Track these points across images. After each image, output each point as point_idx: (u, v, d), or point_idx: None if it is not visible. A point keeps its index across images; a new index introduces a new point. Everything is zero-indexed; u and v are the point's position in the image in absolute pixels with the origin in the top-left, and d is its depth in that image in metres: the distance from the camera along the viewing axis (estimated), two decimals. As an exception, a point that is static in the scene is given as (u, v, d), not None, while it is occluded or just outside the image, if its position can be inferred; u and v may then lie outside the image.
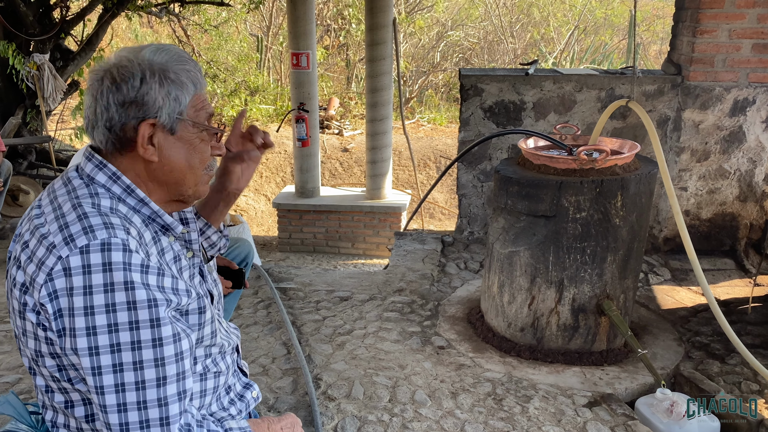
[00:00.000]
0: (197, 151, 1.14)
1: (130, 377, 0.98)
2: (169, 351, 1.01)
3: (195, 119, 1.13)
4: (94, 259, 0.97)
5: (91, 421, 1.09)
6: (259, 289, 3.26)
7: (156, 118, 1.08)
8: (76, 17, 5.78)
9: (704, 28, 3.33)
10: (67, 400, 1.08)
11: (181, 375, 1.03)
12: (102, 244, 0.98)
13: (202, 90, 1.14)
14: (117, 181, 1.09)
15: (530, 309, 2.56)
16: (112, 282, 0.97)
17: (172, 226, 1.14)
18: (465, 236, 4.02)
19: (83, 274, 0.96)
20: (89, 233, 0.99)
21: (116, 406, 0.98)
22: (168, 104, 1.08)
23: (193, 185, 1.16)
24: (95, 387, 0.98)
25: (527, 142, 2.68)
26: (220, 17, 11.76)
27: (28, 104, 5.66)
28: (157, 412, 1.00)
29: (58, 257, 0.98)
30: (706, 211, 3.64)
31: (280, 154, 9.76)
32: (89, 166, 1.10)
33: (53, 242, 0.99)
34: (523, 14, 13.66)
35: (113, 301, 0.96)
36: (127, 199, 1.09)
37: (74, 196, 1.06)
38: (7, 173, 4.29)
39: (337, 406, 2.20)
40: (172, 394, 1.01)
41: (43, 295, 0.98)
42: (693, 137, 3.51)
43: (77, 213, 1.02)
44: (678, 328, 2.85)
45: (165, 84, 1.08)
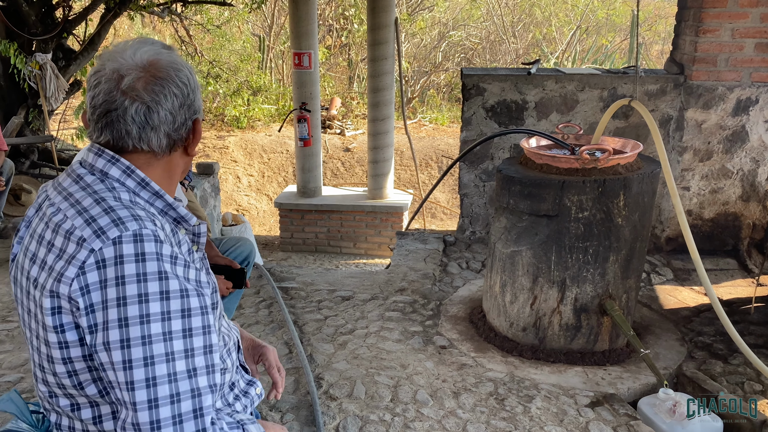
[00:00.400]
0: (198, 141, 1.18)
1: (162, 370, 0.96)
2: (199, 342, 1.00)
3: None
4: (127, 249, 0.96)
5: (99, 423, 1.08)
6: (260, 288, 3.26)
7: (198, 116, 1.13)
8: (78, 17, 5.78)
9: (707, 27, 3.32)
10: (73, 403, 1.07)
11: (212, 368, 1.02)
12: (134, 235, 0.97)
13: None
14: (131, 175, 1.08)
15: (532, 309, 2.55)
16: (145, 272, 0.96)
17: (186, 218, 1.13)
18: (467, 236, 4.02)
19: (116, 264, 0.96)
20: (120, 224, 0.98)
21: (146, 402, 0.95)
22: (197, 99, 1.13)
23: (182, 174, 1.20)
24: (126, 383, 0.96)
25: (529, 142, 2.67)
26: (223, 17, 11.76)
27: (31, 104, 5.66)
28: (190, 404, 0.98)
29: (90, 250, 0.97)
30: (709, 210, 3.63)
31: (282, 154, 9.76)
32: (101, 162, 1.07)
33: (82, 236, 0.98)
34: (525, 14, 13.65)
35: (146, 291, 0.96)
36: (141, 193, 1.08)
37: (92, 191, 1.05)
38: (10, 172, 4.29)
39: (339, 406, 2.20)
40: (204, 386, 1.00)
41: (74, 289, 0.96)
42: (696, 137, 3.50)
43: (102, 207, 1.01)
44: (681, 328, 2.84)
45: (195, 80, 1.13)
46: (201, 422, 0.99)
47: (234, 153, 9.77)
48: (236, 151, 9.80)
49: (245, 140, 10.00)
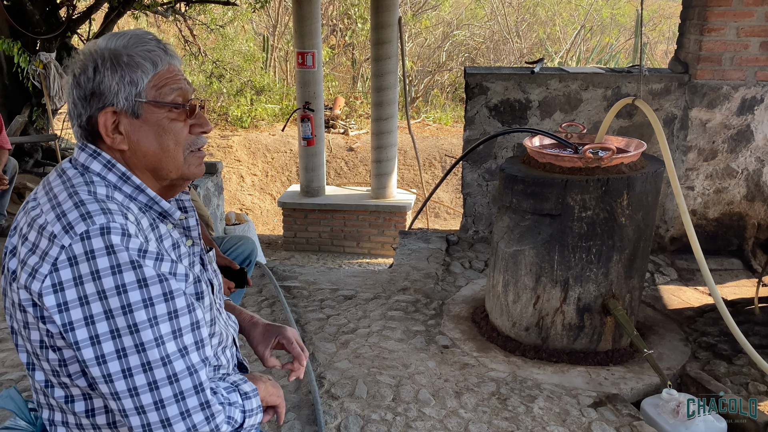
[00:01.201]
0: (168, 132, 1.09)
1: (154, 354, 0.98)
2: (185, 321, 1.02)
3: (158, 98, 1.08)
4: (96, 243, 0.96)
5: (92, 416, 1.08)
6: (263, 287, 3.25)
7: (114, 105, 1.06)
8: (82, 16, 5.79)
9: (712, 26, 3.30)
10: (68, 395, 1.07)
11: (201, 342, 1.04)
12: (101, 229, 0.97)
13: (165, 67, 1.10)
14: (112, 169, 1.08)
15: (535, 308, 2.54)
16: (119, 264, 0.96)
17: (169, 212, 1.12)
18: (470, 235, 4.01)
19: (87, 260, 0.96)
20: (87, 219, 0.98)
21: (147, 385, 0.98)
22: (123, 88, 1.06)
23: (174, 169, 1.12)
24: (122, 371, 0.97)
25: (532, 141, 2.66)
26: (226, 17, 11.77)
27: (35, 103, 5.67)
28: (189, 381, 1.01)
29: (61, 246, 0.97)
30: (713, 210, 3.61)
31: (286, 154, 9.76)
32: (83, 156, 1.09)
33: (53, 232, 0.98)
34: (528, 14, 13.62)
35: (123, 282, 0.96)
36: (123, 187, 1.08)
37: (69, 185, 1.05)
38: (13, 171, 4.30)
39: (341, 405, 2.19)
40: (197, 362, 1.02)
41: (46, 286, 0.96)
42: (700, 136, 3.48)
43: (73, 201, 1.01)
44: (684, 328, 2.83)
45: (118, 69, 1.06)
46: (203, 395, 1.02)
47: (238, 152, 9.78)
48: (240, 151, 9.81)
49: (249, 140, 10.01)
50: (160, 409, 0.99)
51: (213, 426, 1.04)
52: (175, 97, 1.10)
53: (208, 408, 1.03)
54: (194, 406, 1.01)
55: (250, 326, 1.41)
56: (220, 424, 1.05)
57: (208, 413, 1.03)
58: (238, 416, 1.11)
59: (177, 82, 1.11)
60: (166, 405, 0.99)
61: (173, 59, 1.12)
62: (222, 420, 1.06)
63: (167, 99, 1.09)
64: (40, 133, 5.79)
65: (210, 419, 1.03)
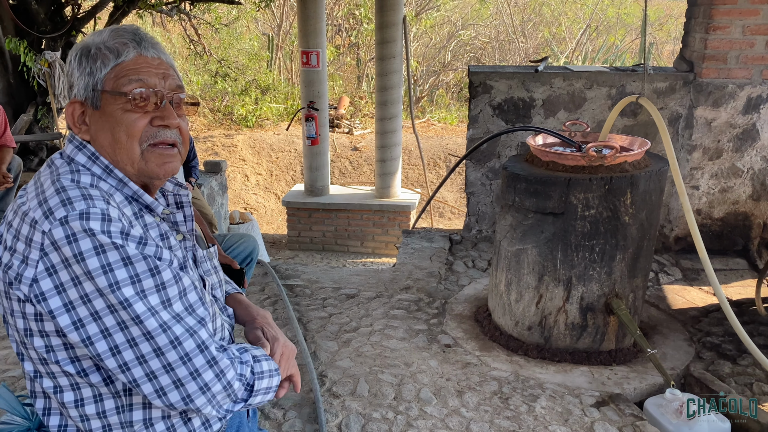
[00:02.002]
0: (120, 123, 1.07)
1: (152, 323, 0.99)
2: (173, 291, 1.03)
3: (114, 89, 1.07)
4: (76, 227, 0.97)
5: (81, 406, 1.08)
6: (265, 285, 3.25)
7: (77, 96, 1.10)
8: (87, 15, 5.82)
9: (717, 24, 3.28)
10: (56, 385, 1.08)
11: (191, 307, 1.06)
12: (81, 214, 0.98)
13: (129, 58, 1.08)
14: (96, 161, 1.09)
15: (538, 307, 2.53)
16: (101, 244, 0.97)
17: (152, 206, 1.12)
18: (473, 234, 3.99)
19: (69, 243, 0.96)
20: (67, 205, 0.99)
21: (153, 351, 1.00)
22: (83, 79, 1.08)
23: (129, 162, 1.09)
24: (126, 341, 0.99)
25: (536, 139, 2.65)
26: (231, 15, 11.80)
27: (39, 101, 5.70)
28: (192, 341, 1.03)
29: (42, 232, 0.98)
30: (718, 210, 3.59)
31: (290, 153, 9.77)
32: (70, 147, 1.11)
33: (34, 218, 1.00)
34: (534, 13, 13.59)
35: (108, 261, 0.97)
36: (107, 179, 1.09)
37: (55, 174, 1.07)
38: (18, 169, 4.31)
39: (342, 404, 2.19)
40: (194, 323, 1.04)
41: (40, 270, 0.98)
42: (705, 135, 3.46)
43: (55, 187, 1.02)
44: (689, 328, 2.81)
45: (83, 61, 1.09)
46: (208, 353, 1.04)
47: (242, 151, 9.79)
48: (244, 150, 9.83)
49: (254, 139, 10.02)
50: (170, 371, 1.02)
51: (225, 383, 1.06)
52: (134, 88, 1.07)
53: (216, 365, 1.05)
54: (201, 365, 1.03)
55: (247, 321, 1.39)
56: (232, 380, 1.07)
57: (217, 370, 1.05)
58: (248, 375, 1.12)
59: (140, 73, 1.08)
60: (175, 368, 1.02)
61: (147, 51, 1.10)
62: (233, 376, 1.07)
63: (123, 89, 1.07)
64: (45, 131, 5.82)
65: (221, 376, 1.05)
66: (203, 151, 9.40)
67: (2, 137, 4.22)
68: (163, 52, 1.14)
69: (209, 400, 1.05)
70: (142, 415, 1.11)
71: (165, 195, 1.23)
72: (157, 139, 1.10)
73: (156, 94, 1.09)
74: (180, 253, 1.15)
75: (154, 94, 1.08)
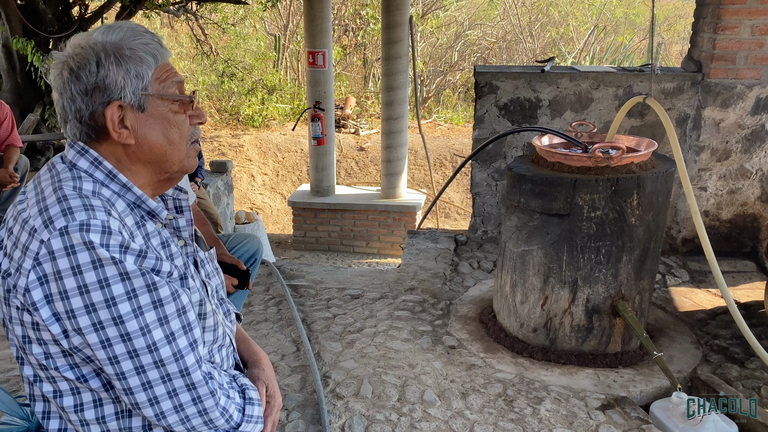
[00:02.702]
0: (173, 125, 1.10)
1: (140, 342, 0.99)
2: (171, 308, 1.03)
3: (162, 92, 1.08)
4: (75, 239, 0.96)
5: (80, 411, 1.08)
6: (270, 286, 3.25)
7: (121, 99, 1.05)
8: (94, 15, 5.84)
9: (726, 24, 3.25)
10: (56, 390, 1.07)
11: (188, 327, 1.06)
12: (81, 225, 0.97)
13: (163, 60, 1.10)
14: (99, 167, 1.07)
15: (543, 309, 2.51)
16: (99, 258, 0.96)
17: (156, 211, 1.12)
18: (479, 235, 3.98)
19: (67, 255, 0.96)
20: (68, 215, 0.98)
21: (134, 370, 1.00)
22: (130, 82, 1.05)
23: (178, 161, 1.12)
24: (108, 359, 1.00)
25: (542, 140, 2.63)
26: (237, 15, 11.82)
27: (47, 101, 5.73)
28: (176, 366, 1.03)
29: (40, 241, 0.97)
30: (727, 211, 3.56)
31: (296, 153, 9.77)
32: (71, 153, 1.08)
33: (34, 226, 0.99)
34: (542, 14, 13.54)
35: (105, 276, 0.97)
36: (110, 185, 1.08)
37: (56, 180, 1.05)
38: (25, 169, 4.33)
39: (345, 405, 2.18)
40: (185, 346, 1.04)
41: (31, 280, 0.97)
42: (713, 136, 3.43)
43: (57, 196, 1.01)
44: (696, 330, 2.78)
45: (122, 62, 1.05)
46: (188, 378, 1.05)
47: (248, 151, 9.80)
48: (251, 150, 9.84)
49: (260, 139, 10.03)
50: (148, 389, 1.02)
51: (201, 408, 1.06)
52: (176, 90, 1.11)
53: (194, 389, 1.05)
54: (180, 386, 1.04)
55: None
56: (210, 408, 1.07)
57: (194, 394, 1.05)
58: (234, 413, 1.12)
59: (175, 75, 1.11)
60: (154, 386, 1.02)
61: (167, 53, 1.12)
62: (211, 405, 1.07)
63: (170, 91, 1.10)
64: (52, 131, 5.84)
65: (197, 401, 1.06)
66: (209, 151, 9.42)
67: (9, 137, 4.24)
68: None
69: (182, 420, 1.06)
70: (141, 421, 1.11)
71: (165, 199, 1.23)
72: (196, 136, 1.16)
73: (194, 94, 1.14)
74: (180, 260, 1.14)
75: (193, 94, 1.14)
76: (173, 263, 1.09)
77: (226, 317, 1.31)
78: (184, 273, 1.12)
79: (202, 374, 1.06)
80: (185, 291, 1.09)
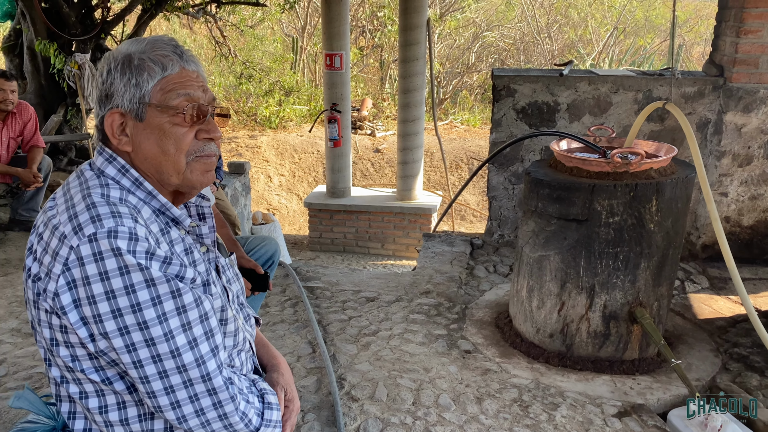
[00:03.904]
0: (169, 136, 1.09)
1: (164, 348, 1.01)
2: (194, 315, 1.05)
3: (162, 102, 1.08)
4: (103, 246, 0.98)
5: (105, 413, 1.10)
6: (286, 287, 3.27)
7: (120, 107, 1.08)
8: (116, 18, 5.92)
9: (748, 27, 3.21)
10: (81, 391, 1.10)
11: (210, 333, 1.07)
12: (109, 232, 0.99)
13: (175, 71, 1.09)
14: (126, 174, 1.10)
15: (560, 315, 2.50)
16: (126, 265, 0.99)
17: (180, 218, 1.14)
18: (495, 239, 3.97)
19: (95, 261, 0.98)
20: (96, 222, 1.00)
21: (157, 374, 1.02)
22: (129, 91, 1.07)
23: (174, 173, 1.11)
24: (132, 362, 1.02)
25: (560, 144, 2.62)
26: (255, 17, 11.90)
27: (69, 102, 5.81)
28: (197, 371, 1.04)
29: (70, 247, 0.99)
30: (748, 217, 3.51)
31: (313, 155, 9.81)
32: (100, 160, 1.11)
33: (63, 232, 1.01)
34: (560, 15, 13.46)
35: (131, 282, 0.99)
36: (136, 192, 1.10)
37: (85, 187, 1.08)
38: (48, 169, 4.41)
39: (361, 407, 2.19)
40: (206, 352, 1.06)
41: (60, 285, 1.00)
42: (735, 141, 3.39)
43: (86, 203, 1.04)
44: (715, 338, 2.75)
45: (126, 71, 1.07)
46: (210, 384, 1.06)
47: (266, 152, 9.86)
48: (268, 151, 9.90)
49: (277, 140, 10.09)
50: (170, 393, 1.04)
51: (221, 412, 1.08)
52: (181, 102, 1.09)
53: (215, 394, 1.07)
54: (201, 391, 1.05)
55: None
56: (230, 413, 1.09)
57: (215, 399, 1.07)
58: (253, 417, 1.13)
59: (186, 87, 1.10)
60: (176, 390, 1.04)
61: (189, 64, 1.11)
62: (231, 410, 1.09)
63: (172, 103, 1.08)
64: (74, 132, 5.93)
65: (217, 405, 1.07)
66: (227, 151, 9.49)
67: (33, 138, 4.31)
68: (199, 64, 1.15)
69: (203, 424, 1.08)
70: (164, 423, 1.13)
71: (187, 207, 1.25)
72: (204, 152, 1.13)
73: (201, 108, 1.11)
74: (203, 266, 1.16)
75: (200, 107, 1.11)
76: (196, 269, 1.11)
77: (246, 322, 1.32)
78: (207, 279, 1.14)
79: (223, 379, 1.08)
80: (208, 297, 1.10)
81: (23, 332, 2.78)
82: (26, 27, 5.54)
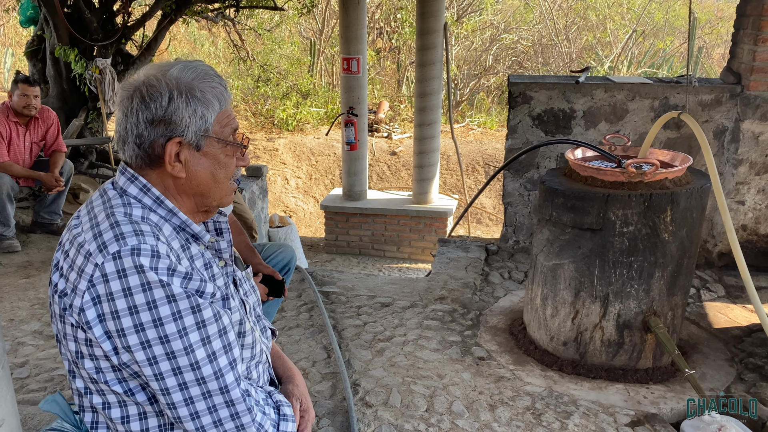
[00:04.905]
0: (222, 166, 1.18)
1: (184, 361, 1.06)
2: (213, 329, 1.09)
3: (220, 135, 1.16)
4: (127, 263, 1.03)
5: (127, 423, 1.14)
6: (302, 292, 3.31)
7: (182, 137, 1.12)
8: (136, 23, 6.01)
9: (766, 36, 3.19)
10: (104, 402, 1.14)
11: (228, 347, 1.12)
12: (132, 250, 1.04)
13: (227, 105, 1.18)
14: (147, 193, 1.15)
15: (573, 323, 2.51)
16: (149, 281, 1.03)
17: (200, 234, 1.19)
18: (510, 245, 3.98)
19: (119, 278, 1.03)
20: (120, 240, 1.05)
21: (177, 386, 1.07)
22: (194, 122, 1.13)
23: (218, 197, 1.21)
24: (153, 375, 1.06)
25: (575, 153, 2.63)
26: (273, 21, 11.99)
27: (90, 107, 5.92)
28: (216, 383, 1.09)
29: (95, 264, 1.04)
30: (765, 226, 3.48)
31: (330, 157, 9.87)
32: (122, 179, 1.16)
33: (89, 250, 1.06)
34: (579, 17, 13.38)
35: (153, 298, 1.03)
36: (158, 210, 1.15)
37: (108, 206, 1.13)
38: (69, 173, 4.50)
39: (374, 413, 2.22)
40: (225, 365, 1.10)
41: (86, 300, 1.04)
42: (752, 149, 3.36)
43: (110, 222, 1.09)
44: (730, 347, 2.74)
45: (191, 102, 1.12)
46: (228, 396, 1.10)
47: (283, 155, 9.94)
48: (285, 153, 9.98)
49: (294, 143, 10.17)
50: (190, 404, 1.08)
51: (238, 423, 1.12)
52: (232, 135, 1.19)
53: (233, 406, 1.11)
54: (219, 403, 1.10)
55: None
56: (246, 424, 1.13)
57: (233, 410, 1.11)
58: (269, 428, 1.17)
59: (234, 121, 1.19)
60: (195, 401, 1.08)
61: (230, 97, 1.19)
62: (248, 421, 1.13)
63: (227, 137, 1.17)
64: (95, 135, 6.03)
65: (235, 417, 1.11)
66: (245, 154, 9.57)
67: (55, 142, 4.41)
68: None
69: None
70: None
71: (206, 223, 1.30)
72: (237, 177, 1.24)
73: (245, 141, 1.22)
74: (222, 280, 1.20)
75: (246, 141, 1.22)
76: (215, 284, 1.15)
77: (263, 334, 1.36)
78: (226, 293, 1.18)
79: (241, 391, 1.12)
80: (226, 311, 1.15)
81: (45, 334, 2.85)
82: (49, 32, 5.65)
